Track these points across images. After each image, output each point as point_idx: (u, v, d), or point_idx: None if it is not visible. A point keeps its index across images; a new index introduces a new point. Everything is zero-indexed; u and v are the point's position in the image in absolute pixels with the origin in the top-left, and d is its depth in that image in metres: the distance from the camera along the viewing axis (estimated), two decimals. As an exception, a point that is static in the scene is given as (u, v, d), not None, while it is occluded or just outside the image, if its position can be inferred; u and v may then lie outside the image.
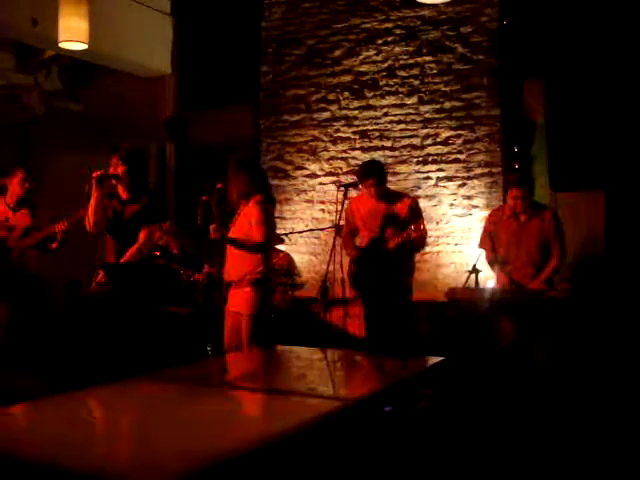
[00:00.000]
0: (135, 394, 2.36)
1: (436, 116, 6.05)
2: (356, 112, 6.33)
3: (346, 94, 6.37)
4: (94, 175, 4.05)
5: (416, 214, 4.79)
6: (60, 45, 4.90)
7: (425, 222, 4.94)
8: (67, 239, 4.57)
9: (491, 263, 4.89)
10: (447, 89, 6.01)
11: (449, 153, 6.01)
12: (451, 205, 5.98)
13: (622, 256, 5.17)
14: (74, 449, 1.70)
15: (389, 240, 4.68)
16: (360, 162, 6.22)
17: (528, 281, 4.65)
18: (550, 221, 4.68)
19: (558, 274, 4.76)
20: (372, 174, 4.81)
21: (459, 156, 5.97)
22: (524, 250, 4.70)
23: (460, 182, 5.96)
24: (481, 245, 4.98)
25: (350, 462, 2.06)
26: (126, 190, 4.26)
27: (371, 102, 6.27)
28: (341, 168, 6.39)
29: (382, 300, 4.78)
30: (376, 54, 6.26)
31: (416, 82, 6.11)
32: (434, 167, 6.05)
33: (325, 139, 6.46)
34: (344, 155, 6.39)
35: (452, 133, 5.99)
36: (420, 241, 4.75)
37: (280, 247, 6.02)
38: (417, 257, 5.24)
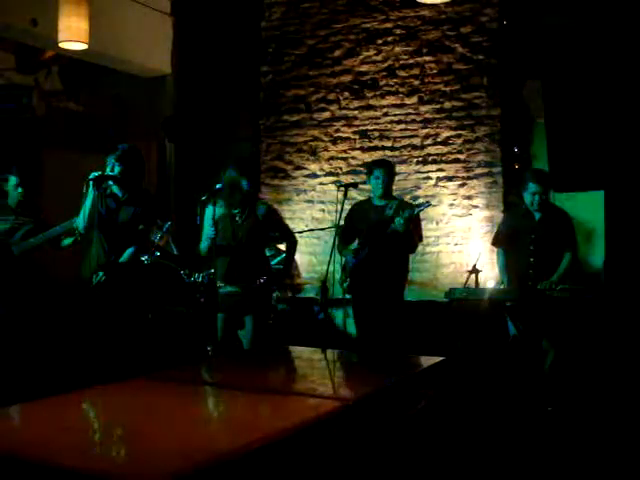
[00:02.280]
0: (135, 394, 2.36)
1: (436, 116, 6.06)
2: (356, 112, 6.33)
3: (346, 94, 6.37)
4: (91, 177, 4.03)
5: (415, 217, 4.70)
6: (60, 45, 4.90)
7: (424, 222, 4.92)
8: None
9: (501, 261, 4.82)
10: (447, 89, 6.01)
11: (449, 153, 6.01)
12: (451, 205, 5.98)
13: (622, 256, 5.17)
14: (74, 449, 1.70)
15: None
16: (360, 162, 6.25)
17: (541, 279, 4.57)
18: (562, 219, 4.64)
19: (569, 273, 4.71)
20: (385, 164, 4.85)
21: (459, 156, 5.97)
22: (538, 249, 4.64)
23: (460, 182, 5.96)
24: (494, 242, 4.92)
25: (350, 462, 2.06)
26: (122, 189, 4.24)
27: (371, 102, 6.27)
28: (341, 168, 6.39)
29: (373, 304, 4.72)
30: (376, 54, 6.26)
31: (416, 82, 6.12)
32: (434, 167, 6.05)
33: (325, 139, 6.46)
34: (344, 155, 6.39)
35: (452, 133, 5.99)
36: (415, 240, 4.73)
37: (280, 247, 6.02)
38: (417, 257, 5.24)
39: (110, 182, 4.19)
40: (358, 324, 4.92)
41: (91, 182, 4.03)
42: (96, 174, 4.04)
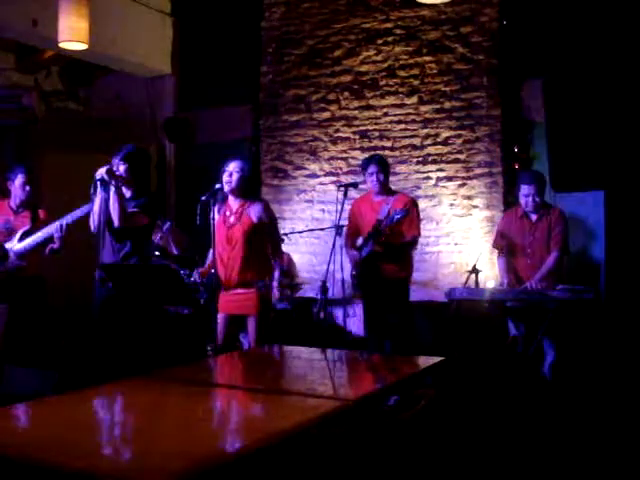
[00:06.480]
0: (135, 394, 2.36)
1: (436, 116, 6.05)
2: (356, 112, 6.33)
3: (346, 94, 6.37)
4: (97, 177, 4.03)
5: (409, 214, 4.73)
6: (60, 45, 4.90)
7: (424, 222, 4.92)
8: (66, 241, 4.55)
9: (501, 263, 4.86)
10: (447, 89, 6.01)
11: (449, 153, 6.00)
12: (451, 205, 5.97)
13: (623, 256, 5.17)
14: (74, 449, 1.70)
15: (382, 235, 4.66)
16: (360, 162, 6.24)
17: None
18: (557, 218, 4.66)
19: (560, 270, 4.73)
20: (376, 162, 4.90)
21: (459, 156, 5.97)
22: (535, 250, 4.66)
23: (460, 182, 5.95)
24: (495, 244, 4.98)
25: (350, 462, 2.06)
26: (129, 189, 4.25)
27: (371, 102, 6.27)
28: (341, 168, 6.39)
29: (380, 298, 4.77)
30: (376, 54, 6.26)
31: (416, 82, 6.11)
32: (434, 167, 6.05)
33: (325, 139, 6.46)
34: (344, 155, 6.39)
35: (452, 133, 5.99)
36: (407, 237, 4.75)
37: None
38: (417, 257, 5.24)
39: (117, 182, 4.20)
40: (366, 321, 4.94)
41: (98, 182, 4.03)
42: (103, 170, 4.01)
